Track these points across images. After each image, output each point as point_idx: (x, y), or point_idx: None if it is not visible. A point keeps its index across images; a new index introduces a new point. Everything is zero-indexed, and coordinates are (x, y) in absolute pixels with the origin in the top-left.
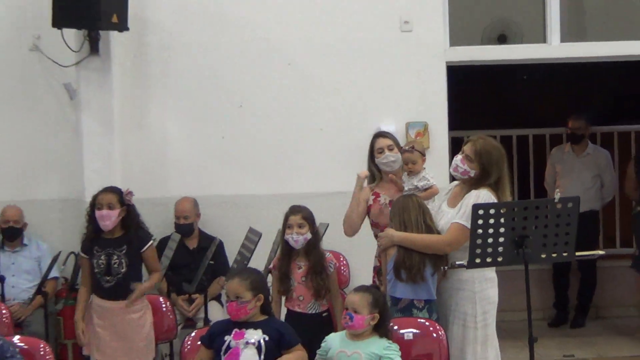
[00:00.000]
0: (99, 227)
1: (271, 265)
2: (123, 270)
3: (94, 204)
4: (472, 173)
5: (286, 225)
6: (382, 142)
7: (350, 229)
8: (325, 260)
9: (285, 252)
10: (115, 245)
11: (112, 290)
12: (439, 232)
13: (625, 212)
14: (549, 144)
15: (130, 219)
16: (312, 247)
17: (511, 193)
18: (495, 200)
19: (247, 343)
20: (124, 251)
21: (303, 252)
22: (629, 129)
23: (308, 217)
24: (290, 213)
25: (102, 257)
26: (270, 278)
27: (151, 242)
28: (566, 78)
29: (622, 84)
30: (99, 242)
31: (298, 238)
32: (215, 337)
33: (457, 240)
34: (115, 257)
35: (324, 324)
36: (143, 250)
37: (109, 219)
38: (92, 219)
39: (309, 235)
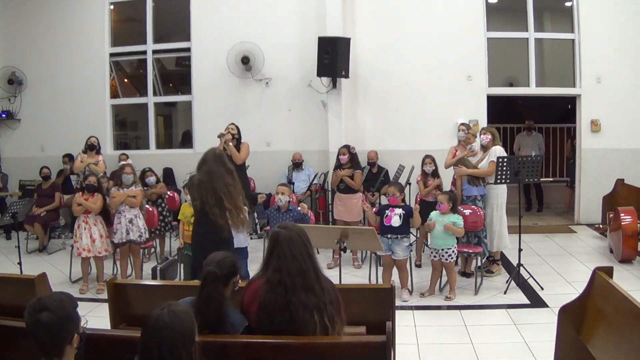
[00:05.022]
0: (340, 161)
1: (419, 177)
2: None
3: (338, 153)
4: (489, 138)
5: (424, 162)
6: (460, 127)
7: (446, 166)
8: (439, 178)
9: (423, 174)
10: (347, 169)
11: (342, 190)
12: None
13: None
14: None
15: (353, 158)
16: (436, 171)
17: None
18: (503, 150)
19: (395, 213)
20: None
21: (431, 174)
22: (558, 125)
23: (434, 159)
24: (426, 157)
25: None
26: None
27: (360, 170)
28: (534, 101)
29: (559, 106)
30: (340, 167)
31: (429, 169)
32: (381, 211)
33: (492, 170)
34: None
35: (434, 206)
36: (355, 171)
37: (345, 159)
38: (337, 158)
39: (434, 167)
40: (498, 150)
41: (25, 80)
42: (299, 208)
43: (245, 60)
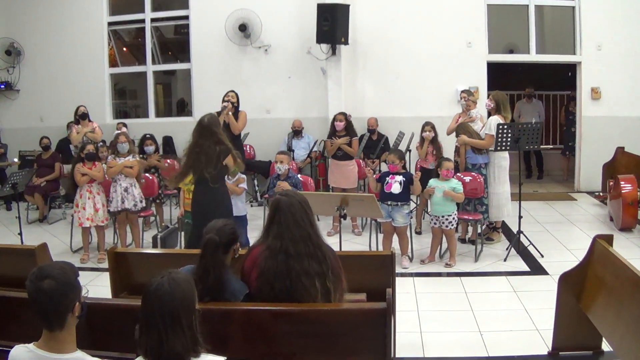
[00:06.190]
0: (335, 128)
1: (417, 144)
2: None
3: (334, 119)
4: (491, 106)
5: (423, 129)
6: (462, 95)
7: (448, 132)
8: (440, 145)
9: (422, 140)
10: (342, 136)
11: (340, 157)
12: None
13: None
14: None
15: (349, 126)
16: (435, 139)
17: (510, 118)
18: (501, 120)
19: (395, 181)
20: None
21: (430, 141)
22: (558, 93)
23: (434, 127)
24: (426, 124)
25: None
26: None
27: (356, 136)
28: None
29: (558, 74)
30: (334, 134)
31: (429, 134)
32: (381, 178)
33: (490, 141)
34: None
35: (432, 173)
36: (352, 138)
37: (341, 126)
38: (332, 125)
39: (434, 134)
40: (495, 120)
41: (23, 50)
42: (298, 175)
43: (242, 28)
